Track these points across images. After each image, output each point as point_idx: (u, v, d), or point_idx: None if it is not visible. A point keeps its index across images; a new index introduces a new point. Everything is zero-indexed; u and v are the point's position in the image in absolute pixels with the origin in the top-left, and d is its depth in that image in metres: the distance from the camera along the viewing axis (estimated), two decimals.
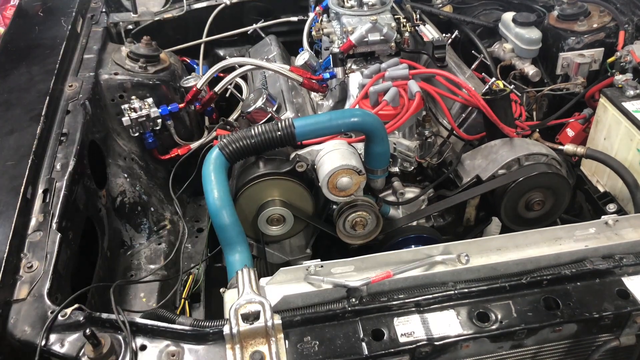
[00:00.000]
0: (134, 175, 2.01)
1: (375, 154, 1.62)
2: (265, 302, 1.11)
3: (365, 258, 1.23)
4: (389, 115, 1.71)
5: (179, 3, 2.59)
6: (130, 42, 2.21)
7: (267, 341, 1.09)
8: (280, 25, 2.69)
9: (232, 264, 1.42)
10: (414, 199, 1.78)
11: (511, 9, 2.58)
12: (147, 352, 1.12)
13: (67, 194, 1.49)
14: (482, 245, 1.29)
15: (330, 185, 1.57)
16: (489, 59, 2.40)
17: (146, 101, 2.02)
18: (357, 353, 1.10)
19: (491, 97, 1.77)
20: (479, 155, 1.79)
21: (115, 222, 1.86)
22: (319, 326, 1.15)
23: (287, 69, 2.01)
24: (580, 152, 1.87)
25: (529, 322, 1.16)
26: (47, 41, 2.03)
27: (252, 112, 1.85)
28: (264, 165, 1.62)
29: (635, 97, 1.96)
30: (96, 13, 2.40)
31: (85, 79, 1.94)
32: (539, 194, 1.70)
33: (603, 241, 1.31)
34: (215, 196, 1.47)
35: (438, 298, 1.19)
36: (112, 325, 1.15)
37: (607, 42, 2.33)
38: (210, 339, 1.12)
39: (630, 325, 1.21)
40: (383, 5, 2.19)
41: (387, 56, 2.06)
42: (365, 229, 1.65)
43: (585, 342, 1.24)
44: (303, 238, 1.81)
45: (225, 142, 1.53)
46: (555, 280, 1.23)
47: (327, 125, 1.57)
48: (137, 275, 1.79)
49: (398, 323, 1.15)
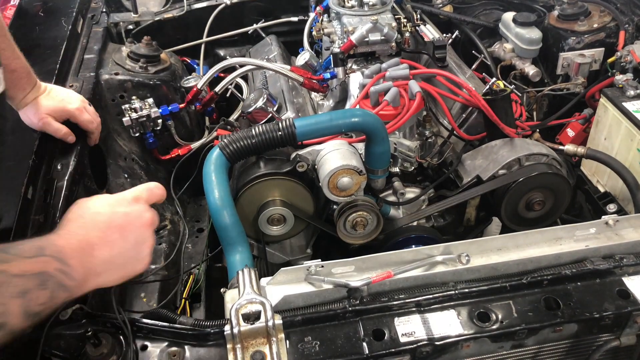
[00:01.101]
0: (134, 176, 2.01)
1: (376, 154, 1.62)
2: (266, 302, 1.11)
3: (365, 258, 1.23)
4: (390, 116, 1.71)
5: (179, 3, 2.59)
6: (131, 42, 2.21)
7: (268, 341, 1.09)
8: (280, 25, 2.69)
9: (233, 264, 1.42)
10: (414, 199, 1.78)
11: (511, 9, 2.57)
12: (148, 351, 1.12)
13: (68, 194, 1.49)
14: (482, 245, 1.29)
15: (331, 185, 1.57)
16: (489, 59, 2.40)
17: (147, 101, 2.02)
18: (358, 353, 1.10)
19: (492, 97, 1.77)
20: (479, 155, 1.79)
21: None
22: (319, 326, 1.15)
23: (287, 69, 2.01)
24: (581, 152, 1.87)
25: (530, 322, 1.16)
26: (47, 41, 2.03)
27: (253, 112, 1.85)
28: (264, 165, 1.63)
29: (636, 97, 1.96)
30: (96, 13, 2.40)
31: (85, 79, 1.94)
32: (539, 194, 1.70)
33: (603, 241, 1.31)
34: (215, 196, 1.47)
35: (439, 298, 1.19)
36: (113, 325, 1.15)
37: (607, 42, 2.33)
38: (211, 339, 1.12)
39: (630, 325, 1.21)
40: (384, 5, 2.19)
41: (387, 56, 2.06)
42: (366, 229, 1.65)
43: (586, 342, 1.24)
44: (303, 238, 1.81)
45: (225, 142, 1.53)
46: (555, 280, 1.23)
47: (327, 125, 1.57)
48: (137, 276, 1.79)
49: (399, 323, 1.15)
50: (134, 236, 1.01)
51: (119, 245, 0.99)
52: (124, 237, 1.00)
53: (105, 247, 0.97)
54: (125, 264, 1.01)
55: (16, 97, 1.51)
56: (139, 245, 1.02)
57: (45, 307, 0.87)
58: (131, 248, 1.01)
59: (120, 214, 1.02)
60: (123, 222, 1.01)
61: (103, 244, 0.97)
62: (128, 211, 1.03)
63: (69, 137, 1.61)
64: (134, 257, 1.02)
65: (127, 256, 1.00)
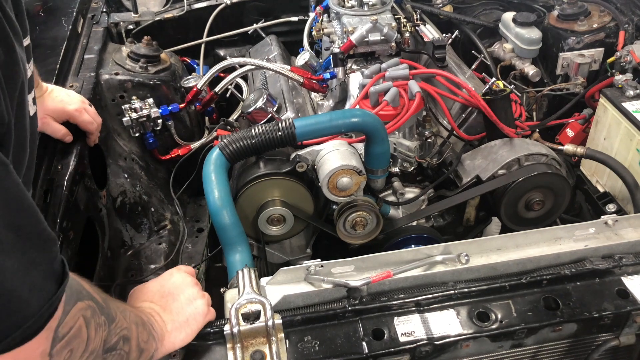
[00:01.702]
0: (134, 176, 2.01)
1: (376, 154, 1.63)
2: (266, 302, 1.11)
3: (365, 258, 1.23)
4: (389, 116, 1.71)
5: (180, 3, 2.59)
6: (131, 42, 2.21)
7: (267, 341, 1.09)
8: (280, 25, 2.69)
9: (233, 264, 1.42)
10: (414, 199, 1.79)
11: (511, 8, 2.58)
12: None
13: (68, 194, 1.49)
14: (482, 245, 1.29)
15: (331, 185, 1.58)
16: (489, 59, 2.40)
17: (147, 101, 2.02)
18: (357, 352, 1.10)
19: (491, 97, 1.77)
20: (479, 155, 1.79)
21: (116, 222, 1.87)
22: (319, 326, 1.15)
23: (287, 69, 2.01)
24: (580, 152, 1.87)
25: (529, 321, 1.16)
26: (47, 41, 2.03)
27: (253, 112, 1.86)
28: (264, 166, 1.63)
29: (635, 97, 1.96)
30: (97, 13, 2.40)
31: (85, 79, 1.94)
32: (538, 194, 1.71)
33: (603, 241, 1.31)
34: (215, 196, 1.47)
35: (438, 298, 1.19)
36: None
37: (607, 42, 2.33)
38: (210, 339, 1.12)
39: (629, 324, 1.21)
40: (383, 5, 2.19)
41: (387, 56, 2.06)
42: (366, 229, 1.65)
43: (585, 342, 1.24)
44: (303, 238, 1.81)
45: (225, 142, 1.54)
46: (555, 280, 1.23)
47: (327, 125, 1.57)
48: (137, 275, 1.79)
49: (398, 322, 1.15)
50: (184, 296, 1.15)
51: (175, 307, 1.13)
52: (175, 299, 1.14)
53: (165, 312, 1.11)
54: (188, 319, 1.12)
55: None
56: (190, 301, 1.14)
57: (146, 346, 1.01)
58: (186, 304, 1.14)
59: (169, 283, 1.19)
60: (171, 288, 1.17)
61: (163, 310, 1.11)
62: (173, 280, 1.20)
63: (67, 137, 1.61)
64: (193, 313, 1.13)
65: (186, 313, 1.12)
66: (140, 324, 1.00)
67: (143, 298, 1.14)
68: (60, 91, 1.66)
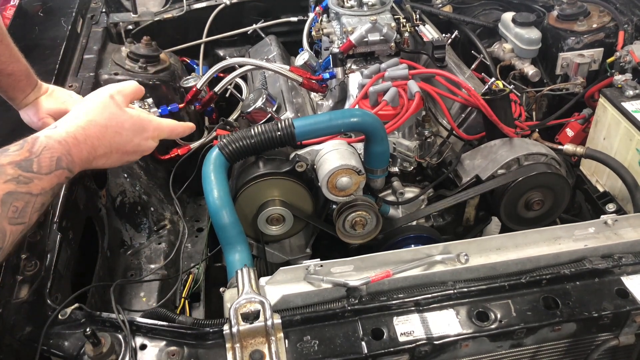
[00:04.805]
0: (133, 175, 2.01)
1: (375, 154, 1.62)
2: (265, 302, 1.11)
3: (364, 257, 1.23)
4: (389, 115, 1.71)
5: (179, 3, 2.59)
6: (130, 43, 2.21)
7: (266, 340, 1.09)
8: (280, 26, 2.69)
9: (232, 264, 1.42)
10: (413, 198, 1.79)
11: (511, 9, 2.58)
12: (147, 351, 1.12)
13: (67, 193, 1.49)
14: (481, 245, 1.29)
15: (330, 185, 1.58)
16: (488, 59, 2.40)
17: (146, 101, 2.01)
18: (356, 352, 1.10)
19: (491, 97, 1.77)
20: (478, 155, 1.79)
21: (115, 222, 1.87)
22: (318, 325, 1.15)
23: (287, 69, 2.01)
24: (580, 152, 1.87)
25: (528, 321, 1.16)
26: (47, 41, 2.03)
27: (252, 112, 1.86)
28: (263, 165, 1.63)
29: (635, 97, 1.96)
30: (96, 13, 2.40)
31: (85, 79, 1.94)
32: (538, 193, 1.71)
33: (602, 241, 1.31)
34: (215, 196, 1.47)
35: (437, 297, 1.19)
36: (112, 324, 1.15)
37: (606, 42, 2.34)
38: (210, 339, 1.12)
39: (629, 324, 1.21)
40: (383, 5, 2.19)
41: (386, 56, 2.06)
42: (365, 228, 1.65)
43: (585, 342, 1.24)
44: (303, 238, 1.81)
45: (225, 142, 1.53)
46: (554, 279, 1.23)
47: (326, 125, 1.57)
48: (137, 275, 1.79)
49: (397, 322, 1.15)
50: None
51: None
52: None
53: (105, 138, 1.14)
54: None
55: (16, 98, 1.52)
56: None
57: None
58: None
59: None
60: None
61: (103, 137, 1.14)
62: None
63: None
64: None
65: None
66: (49, 199, 1.02)
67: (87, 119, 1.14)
68: (61, 92, 1.66)
